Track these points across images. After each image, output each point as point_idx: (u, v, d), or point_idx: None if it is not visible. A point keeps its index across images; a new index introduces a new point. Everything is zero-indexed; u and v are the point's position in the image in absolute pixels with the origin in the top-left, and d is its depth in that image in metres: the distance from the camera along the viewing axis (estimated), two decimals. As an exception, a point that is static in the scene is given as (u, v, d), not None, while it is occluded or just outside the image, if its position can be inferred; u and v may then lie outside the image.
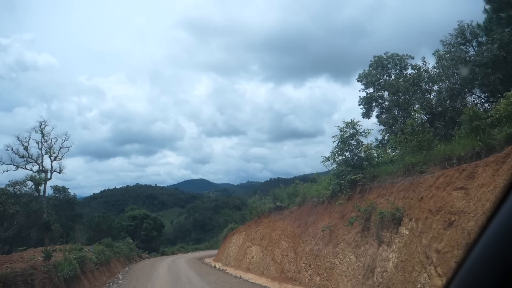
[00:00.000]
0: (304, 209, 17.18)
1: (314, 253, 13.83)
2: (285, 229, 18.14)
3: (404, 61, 24.92)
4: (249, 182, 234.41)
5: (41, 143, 35.40)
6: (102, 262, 20.96)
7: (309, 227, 15.42)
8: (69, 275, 13.95)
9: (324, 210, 14.88)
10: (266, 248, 19.65)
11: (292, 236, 16.73)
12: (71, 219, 52.87)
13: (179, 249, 62.13)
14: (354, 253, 11.35)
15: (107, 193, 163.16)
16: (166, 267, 25.17)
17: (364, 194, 12.64)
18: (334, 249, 12.61)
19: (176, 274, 19.53)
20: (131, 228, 62.16)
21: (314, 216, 15.52)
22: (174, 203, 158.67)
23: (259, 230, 22.57)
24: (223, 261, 28.51)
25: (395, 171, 12.08)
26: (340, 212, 13.46)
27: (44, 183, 34.43)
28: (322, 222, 14.42)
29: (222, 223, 73.05)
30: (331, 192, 14.70)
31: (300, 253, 15.10)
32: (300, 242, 15.58)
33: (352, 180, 13.41)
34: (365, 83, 25.18)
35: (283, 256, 16.77)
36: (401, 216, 9.95)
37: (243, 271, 20.91)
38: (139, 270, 24.51)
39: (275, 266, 17.28)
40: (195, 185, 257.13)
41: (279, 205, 21.23)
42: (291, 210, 19.17)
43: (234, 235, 29.34)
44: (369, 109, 24.62)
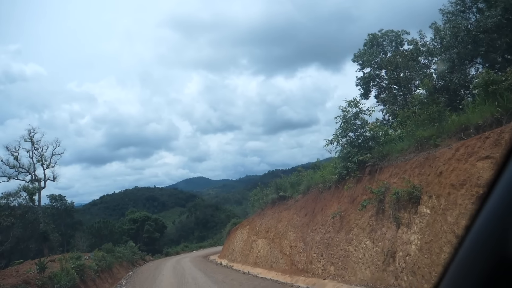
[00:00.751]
0: (310, 197, 16.39)
1: (325, 241, 13.05)
2: (291, 219, 17.36)
3: (400, 37, 24.07)
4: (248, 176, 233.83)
5: (31, 152, 34.50)
6: (103, 269, 20.12)
7: (317, 215, 14.64)
8: (67, 286, 13.08)
9: (332, 196, 14.09)
10: (272, 240, 18.87)
11: (299, 226, 15.95)
12: (70, 227, 51.94)
13: (183, 248, 61.39)
14: (370, 238, 10.58)
15: (107, 198, 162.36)
16: (170, 268, 24.36)
17: (374, 175, 11.85)
18: (347, 235, 11.83)
19: (182, 275, 18.71)
20: (132, 231, 61.30)
21: (321, 203, 14.73)
22: (174, 203, 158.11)
23: (263, 223, 21.79)
24: (229, 257, 27.76)
25: (406, 148, 11.27)
26: (350, 196, 12.67)
27: (38, 192, 33.50)
28: (330, 209, 13.64)
29: (224, 219, 72.49)
30: (337, 177, 13.90)
31: (310, 242, 14.33)
32: (309, 231, 14.80)
33: (360, 161, 12.61)
34: (361, 62, 24.30)
35: (292, 247, 15.99)
36: (419, 194, 9.17)
37: (251, 266, 20.15)
38: (143, 274, 23.68)
39: (284, 258, 16.51)
40: (194, 183, 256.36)
41: (282, 195, 20.45)
42: (296, 200, 18.40)
43: (238, 230, 28.57)
44: (367, 89, 23.79)
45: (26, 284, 10.99)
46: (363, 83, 23.57)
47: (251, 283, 13.47)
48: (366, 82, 23.32)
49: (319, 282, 11.97)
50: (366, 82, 23.34)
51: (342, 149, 14.01)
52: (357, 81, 23.93)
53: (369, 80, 23.18)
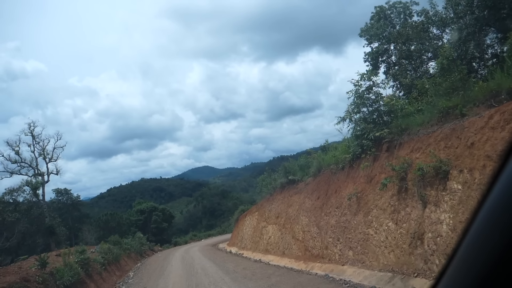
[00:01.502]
0: (322, 179, 15.54)
1: (342, 225, 12.23)
2: (302, 203, 16.55)
3: (409, 9, 22.83)
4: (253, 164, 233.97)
5: (33, 146, 33.82)
6: (110, 261, 19.54)
7: (331, 198, 13.80)
8: (71, 282, 12.43)
9: (346, 177, 13.22)
10: (283, 226, 18.12)
11: (312, 210, 15.14)
12: (78, 221, 51.72)
13: (191, 237, 61.21)
14: (392, 220, 9.72)
15: (114, 191, 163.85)
16: (179, 259, 23.77)
17: (393, 151, 10.93)
18: (365, 218, 10.99)
19: (190, 266, 18.05)
20: (140, 222, 61.11)
21: (335, 185, 13.87)
22: (181, 193, 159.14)
23: (273, 208, 21.03)
24: (238, 244, 27.16)
25: (427, 120, 10.33)
26: (366, 175, 11.79)
27: (42, 186, 32.91)
28: (345, 190, 12.79)
29: (231, 207, 72.44)
30: (352, 156, 13.00)
31: (325, 227, 13.53)
32: (323, 215, 13.98)
33: (376, 138, 11.70)
34: (368, 37, 23.14)
35: (305, 232, 15.22)
36: (447, 169, 8.26)
37: (262, 253, 19.47)
38: (151, 265, 23.13)
39: (297, 244, 15.76)
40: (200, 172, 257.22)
41: (292, 179, 19.61)
42: (306, 183, 17.56)
43: (247, 217, 27.90)
44: (376, 65, 22.65)
45: (25, 282, 10.30)
46: (371, 59, 22.43)
47: (264, 272, 12.71)
48: (375, 57, 22.17)
49: (338, 268, 11.20)
50: (374, 58, 22.19)
51: (356, 126, 13.07)
52: (365, 57, 22.80)
53: (378, 55, 22.03)
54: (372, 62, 22.68)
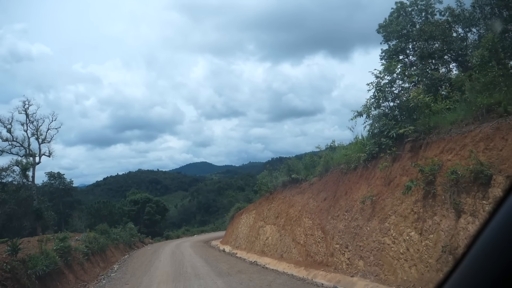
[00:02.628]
0: (329, 179, 14.25)
1: (352, 230, 10.93)
2: (306, 204, 15.25)
3: (431, 6, 21.55)
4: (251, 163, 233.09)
5: (26, 125, 32.42)
6: (94, 251, 18.22)
7: (340, 200, 12.49)
8: (45, 272, 11.11)
9: (359, 178, 11.92)
10: (283, 227, 16.82)
11: (317, 212, 13.84)
12: (69, 206, 50.34)
13: (184, 232, 59.90)
14: (415, 229, 8.41)
15: (110, 180, 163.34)
16: (169, 254, 22.44)
17: (418, 151, 9.63)
18: (381, 224, 9.68)
19: (180, 263, 16.72)
20: (133, 213, 59.79)
21: (345, 186, 12.57)
22: (177, 187, 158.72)
23: (272, 208, 19.73)
24: (232, 243, 25.85)
25: (460, 118, 9.02)
26: (384, 177, 10.49)
27: (32, 168, 31.56)
28: (358, 192, 11.49)
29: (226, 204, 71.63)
30: (367, 155, 11.71)
31: (331, 231, 12.22)
32: (329, 218, 12.68)
33: (398, 136, 10.39)
34: (386, 34, 21.86)
35: (307, 235, 13.91)
36: (490, 173, 6.97)
37: (257, 254, 18.17)
38: (139, 258, 21.80)
39: (298, 248, 14.46)
40: (198, 168, 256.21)
41: (295, 178, 18.30)
42: (311, 182, 16.27)
43: (243, 215, 26.58)
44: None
45: (-12, 269, 8.98)
46: (388, 57, 21.11)
47: (263, 278, 11.33)
48: (392, 55, 20.85)
49: (345, 279, 9.89)
50: (391, 56, 20.88)
51: (374, 122, 11.79)
52: (381, 54, 21.48)
53: (396, 53, 20.70)
54: (388, 60, 21.39)
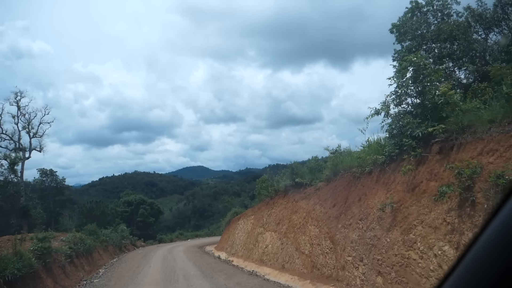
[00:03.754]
0: (339, 184, 12.97)
1: (368, 241, 9.62)
2: (311, 210, 13.95)
3: (448, 7, 20.47)
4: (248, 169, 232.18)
5: (17, 117, 31.01)
6: (79, 253, 16.83)
7: (352, 207, 11.21)
8: (16, 276, 9.74)
9: (375, 182, 10.64)
10: (285, 235, 15.49)
11: (324, 219, 12.53)
12: (60, 205, 48.79)
13: (178, 236, 58.33)
14: (449, 243, 7.12)
15: (106, 180, 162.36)
16: (160, 259, 20.98)
17: (449, 153, 8.37)
18: (405, 236, 8.38)
19: (171, 270, 15.30)
20: (126, 214, 58.30)
21: (358, 191, 11.29)
22: (173, 190, 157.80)
23: (273, 213, 18.41)
24: (228, 250, 24.45)
25: (501, 116, 7.78)
26: (407, 182, 9.21)
27: (21, 162, 30.12)
28: (374, 199, 10.21)
29: (222, 210, 70.74)
30: (386, 158, 10.45)
31: (342, 241, 10.91)
32: (340, 226, 11.38)
33: (424, 135, 9.14)
34: (399, 34, 20.74)
35: (314, 245, 12.59)
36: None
37: (256, 263, 16.80)
38: (127, 263, 20.34)
39: (302, 258, 13.12)
40: (194, 172, 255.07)
41: (299, 182, 17.01)
42: (317, 187, 14.99)
43: (240, 220, 25.23)
44: (405, 66, 20.16)
45: None
46: (401, 58, 19.96)
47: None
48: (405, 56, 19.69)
49: (361, 298, 8.56)
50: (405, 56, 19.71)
51: (394, 121, 10.55)
52: (394, 55, 20.33)
53: (409, 54, 19.55)
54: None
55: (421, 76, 10.21)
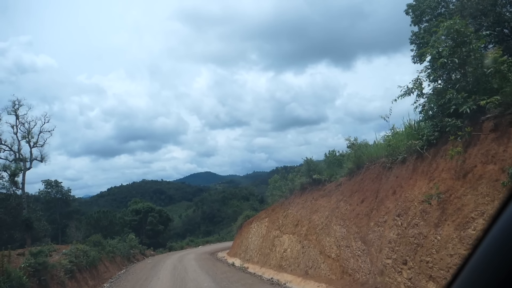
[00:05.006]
0: (365, 177, 11.52)
1: (411, 240, 8.14)
2: (335, 208, 12.50)
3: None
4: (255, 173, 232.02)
5: (16, 127, 29.89)
6: (82, 267, 15.50)
7: (385, 201, 9.74)
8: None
9: (412, 172, 9.17)
10: (305, 237, 14.03)
11: (352, 218, 11.07)
12: (66, 216, 47.65)
13: (188, 243, 57.03)
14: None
15: (114, 190, 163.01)
16: (169, 269, 19.53)
17: (508, 130, 6.90)
18: (461, 231, 6.90)
19: (182, 283, 13.83)
20: (135, 223, 57.01)
21: (391, 183, 9.82)
22: (181, 197, 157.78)
23: (289, 214, 16.97)
24: (242, 255, 23.02)
25: None
26: (455, 168, 7.73)
27: (22, 173, 28.97)
28: (413, 190, 8.74)
29: (231, 214, 69.94)
30: (423, 142, 8.99)
31: (376, 242, 9.45)
32: (372, 224, 9.91)
33: (473, 111, 7.69)
34: (414, 16, 19.27)
35: (341, 247, 11.12)
36: None
37: (274, 269, 15.35)
38: (135, 275, 18.96)
39: (328, 263, 11.64)
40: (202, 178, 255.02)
41: (317, 179, 15.60)
42: (338, 183, 13.57)
43: (253, 224, 23.80)
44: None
45: None
46: (421, 38, 18.49)
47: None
48: (423, 38, 18.20)
49: (412, 309, 7.07)
50: (422, 38, 18.23)
51: (431, 99, 9.09)
52: (411, 38, 18.88)
53: (429, 35, 18.04)
54: (420, 46, 18.77)
55: (462, 45, 8.71)
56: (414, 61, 19.43)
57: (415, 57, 19.21)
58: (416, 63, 19.47)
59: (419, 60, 19.29)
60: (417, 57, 19.13)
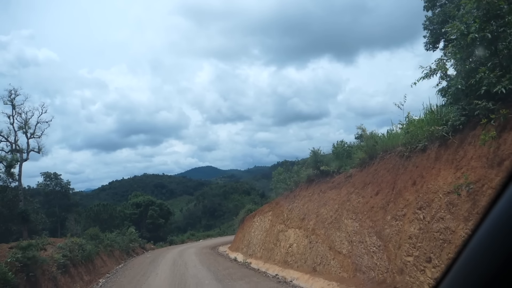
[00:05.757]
0: (380, 168, 10.68)
1: (436, 236, 7.31)
2: (346, 201, 11.67)
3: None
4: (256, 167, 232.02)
5: (12, 117, 29.09)
6: (76, 261, 14.75)
7: (404, 193, 8.90)
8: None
9: (434, 160, 8.32)
10: (313, 231, 13.23)
11: (366, 211, 10.24)
12: (65, 209, 46.99)
13: (189, 237, 56.43)
14: None
15: (115, 184, 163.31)
16: (169, 264, 18.77)
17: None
18: (498, 226, 6.06)
19: (182, 279, 13.04)
20: (135, 216, 56.36)
21: (411, 174, 8.97)
22: (182, 191, 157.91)
23: (295, 208, 16.17)
24: (244, 250, 22.27)
25: None
26: (488, 155, 6.88)
27: (19, 165, 28.21)
28: (437, 180, 7.90)
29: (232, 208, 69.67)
30: (448, 128, 8.14)
31: (394, 237, 8.62)
32: (389, 218, 9.08)
33: (509, 91, 6.83)
34: (427, 1, 18.31)
35: (353, 243, 10.30)
36: None
37: (279, 265, 14.57)
38: (132, 270, 18.21)
39: (339, 259, 10.83)
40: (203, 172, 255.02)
41: (325, 170, 14.77)
42: (347, 174, 12.76)
43: (256, 217, 23.02)
44: (437, 36, 17.72)
45: None
46: (432, 25, 17.56)
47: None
48: (437, 22, 17.24)
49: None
50: (437, 23, 17.28)
51: (457, 79, 8.21)
52: (425, 23, 17.94)
53: (445, 20, 17.06)
54: (433, 31, 17.83)
55: (494, 19, 7.82)
56: (426, 48, 18.53)
57: (428, 43, 18.29)
58: (429, 50, 18.58)
59: (432, 47, 18.43)
60: (431, 43, 18.22)
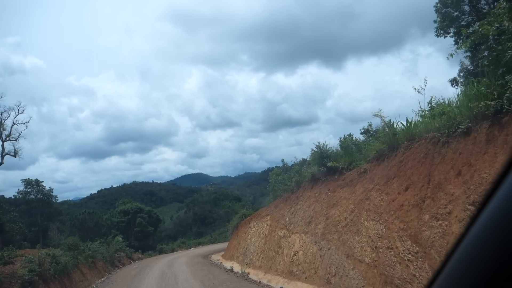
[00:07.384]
0: (407, 158, 8.97)
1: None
2: (364, 199, 9.92)
3: None
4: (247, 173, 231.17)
5: (-15, 119, 26.85)
6: (48, 277, 12.69)
7: (446, 186, 7.18)
8: None
9: (485, 144, 6.64)
10: (323, 236, 11.43)
11: (393, 210, 8.49)
12: (48, 218, 44.42)
13: (179, 245, 54.20)
14: None
15: (104, 192, 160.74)
16: (156, 277, 16.64)
17: None
18: None
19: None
20: (123, 224, 53.94)
21: (453, 162, 7.26)
22: (172, 199, 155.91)
23: (299, 210, 14.39)
24: (240, 259, 20.35)
25: None
26: None
27: (-8, 170, 25.89)
28: (493, 167, 6.21)
29: (223, 215, 67.84)
30: (504, 101, 6.49)
31: (438, 241, 6.88)
32: (426, 218, 7.34)
33: None
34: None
35: (379, 249, 8.52)
36: None
37: (283, 276, 12.74)
38: (116, 284, 16.12)
39: (361, 269, 9.04)
40: (193, 179, 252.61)
41: (333, 167, 13.03)
42: (361, 170, 11.05)
43: (252, 223, 21.17)
44: (450, 21, 16.24)
45: None
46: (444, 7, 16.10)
47: None
48: (450, 5, 15.78)
49: None
50: (450, 6, 15.81)
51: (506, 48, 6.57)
52: (436, 5, 16.47)
53: (458, 4, 15.61)
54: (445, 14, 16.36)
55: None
56: (437, 34, 17.04)
57: (439, 29, 16.81)
58: (439, 36, 17.11)
59: (443, 32, 16.95)
60: (442, 29, 16.74)
